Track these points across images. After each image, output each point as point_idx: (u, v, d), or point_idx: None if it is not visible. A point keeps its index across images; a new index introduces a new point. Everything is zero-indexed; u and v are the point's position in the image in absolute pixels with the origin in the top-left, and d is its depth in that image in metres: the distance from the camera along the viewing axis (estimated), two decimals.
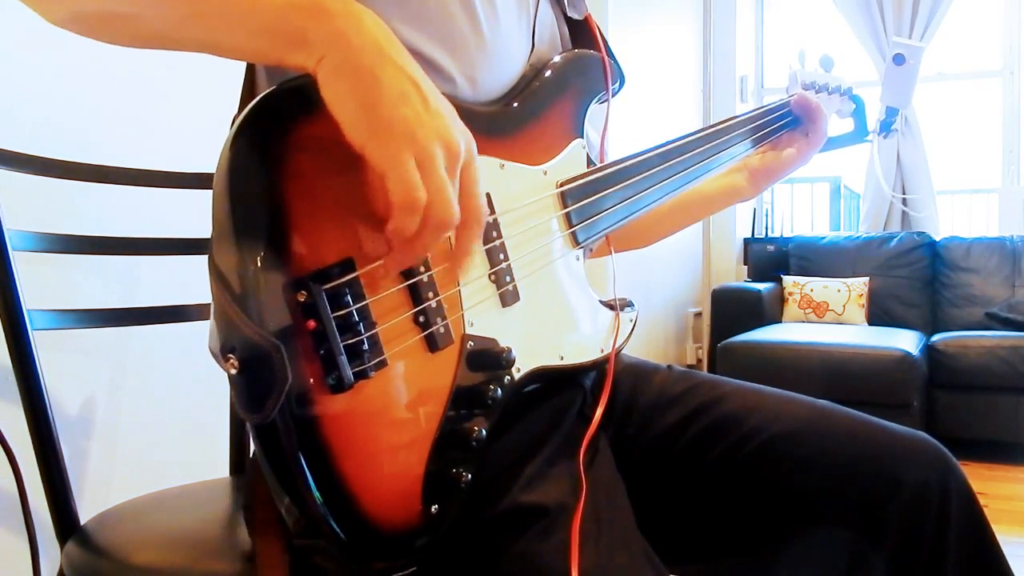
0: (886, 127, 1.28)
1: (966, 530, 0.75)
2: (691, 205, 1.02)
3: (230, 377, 0.52)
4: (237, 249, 0.53)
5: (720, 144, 0.94)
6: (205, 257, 1.27)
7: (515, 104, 0.75)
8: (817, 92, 1.15)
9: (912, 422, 2.82)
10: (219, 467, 1.17)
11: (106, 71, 1.40)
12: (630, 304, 0.84)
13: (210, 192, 1.30)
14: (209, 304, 1.10)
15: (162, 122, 1.50)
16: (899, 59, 1.23)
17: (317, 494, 0.53)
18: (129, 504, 0.96)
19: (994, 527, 0.77)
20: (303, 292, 0.54)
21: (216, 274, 0.53)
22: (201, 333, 1.12)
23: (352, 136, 0.53)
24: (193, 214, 1.37)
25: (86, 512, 0.92)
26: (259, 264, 0.53)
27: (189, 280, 1.34)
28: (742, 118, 0.98)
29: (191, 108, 1.55)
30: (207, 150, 1.52)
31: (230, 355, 0.52)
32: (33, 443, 0.89)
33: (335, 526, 0.54)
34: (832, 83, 1.19)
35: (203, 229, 1.22)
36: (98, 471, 1.38)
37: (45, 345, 0.91)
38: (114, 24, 0.62)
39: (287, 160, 0.55)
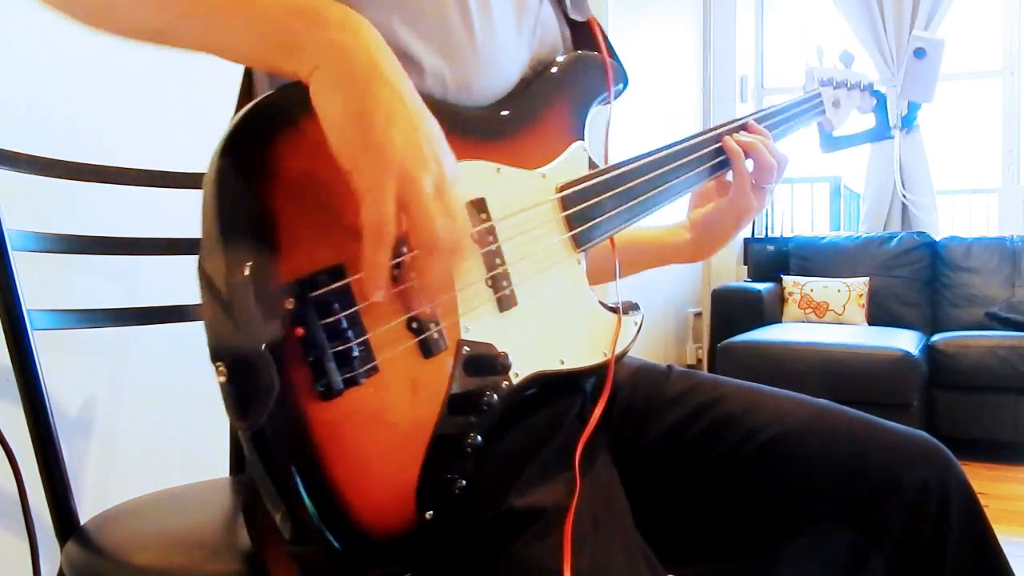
0: (908, 122, 1.27)
1: (966, 530, 0.75)
2: (632, 250, 0.93)
3: (220, 385, 0.52)
4: (225, 256, 0.52)
5: (715, 151, 0.91)
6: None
7: (511, 107, 0.75)
8: (836, 88, 1.12)
9: (912, 422, 2.82)
10: (219, 467, 1.17)
11: (106, 71, 1.40)
12: (635, 307, 0.83)
13: None
14: None
15: (162, 122, 1.50)
16: (920, 53, 1.21)
17: (308, 501, 0.53)
18: (129, 504, 0.96)
19: (994, 527, 0.77)
20: (291, 299, 0.54)
21: (205, 281, 0.53)
22: (201, 333, 1.12)
23: (340, 154, 0.53)
24: (193, 214, 1.37)
25: (86, 512, 0.92)
26: (247, 271, 0.52)
27: (189, 280, 1.34)
28: (744, 120, 0.96)
29: (191, 108, 1.55)
30: (207, 150, 1.51)
31: (219, 363, 0.51)
32: (33, 443, 0.89)
33: (327, 533, 0.54)
34: (852, 79, 1.14)
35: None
36: (98, 471, 1.38)
37: (45, 345, 0.91)
38: (108, 12, 0.61)
39: (276, 168, 0.55)
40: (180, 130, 1.53)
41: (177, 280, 1.37)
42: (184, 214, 1.39)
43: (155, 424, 1.48)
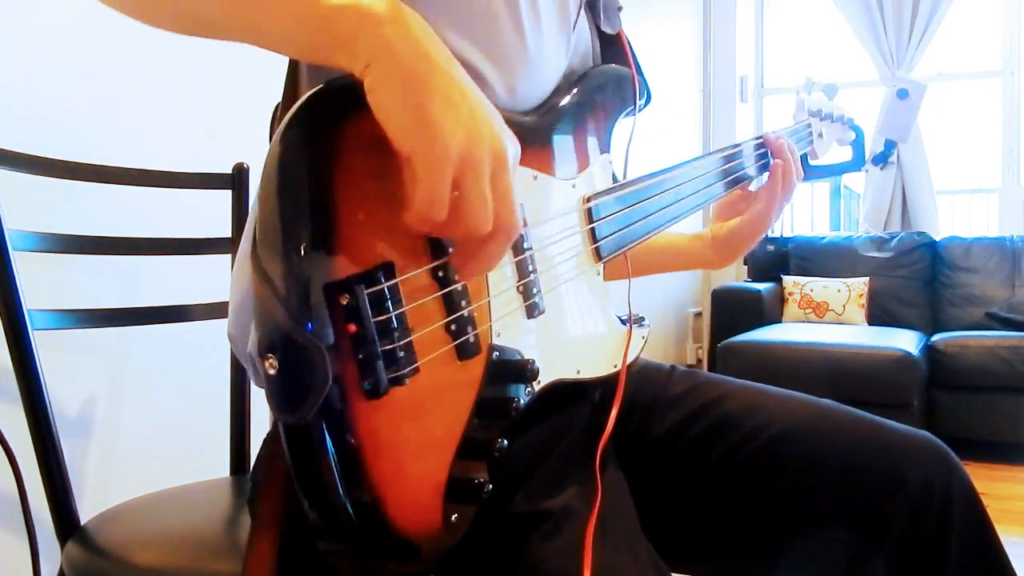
0: (882, 159, 1.32)
1: (969, 529, 0.75)
2: (655, 255, 1.01)
3: (267, 377, 0.51)
4: (283, 248, 0.52)
5: (738, 165, 0.95)
6: (205, 257, 1.27)
7: (550, 116, 0.75)
8: (821, 119, 1.18)
9: (912, 422, 2.82)
10: (219, 467, 1.17)
11: (107, 71, 1.40)
12: (642, 320, 0.84)
13: (210, 192, 1.30)
14: (211, 303, 1.10)
15: (162, 122, 1.50)
16: (902, 93, 1.25)
17: (342, 495, 0.53)
18: (129, 504, 0.96)
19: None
20: (346, 295, 0.53)
21: (260, 272, 0.52)
22: (201, 333, 1.12)
23: (399, 142, 0.53)
24: (193, 214, 1.38)
25: (86, 512, 0.92)
26: (305, 264, 0.52)
27: (189, 280, 1.35)
28: (745, 143, 0.99)
29: (192, 109, 1.55)
30: (207, 151, 1.53)
31: (270, 355, 0.51)
32: (33, 443, 0.89)
33: (357, 528, 0.54)
34: (836, 112, 1.22)
35: (203, 229, 1.22)
36: (98, 471, 1.38)
37: (45, 345, 0.91)
38: (164, 5, 0.60)
39: (337, 158, 0.55)
40: (180, 130, 1.53)
41: (177, 280, 1.37)
42: (184, 214, 1.40)
43: (155, 424, 1.48)
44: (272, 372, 0.51)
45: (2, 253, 0.87)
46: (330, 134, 0.55)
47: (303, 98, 0.54)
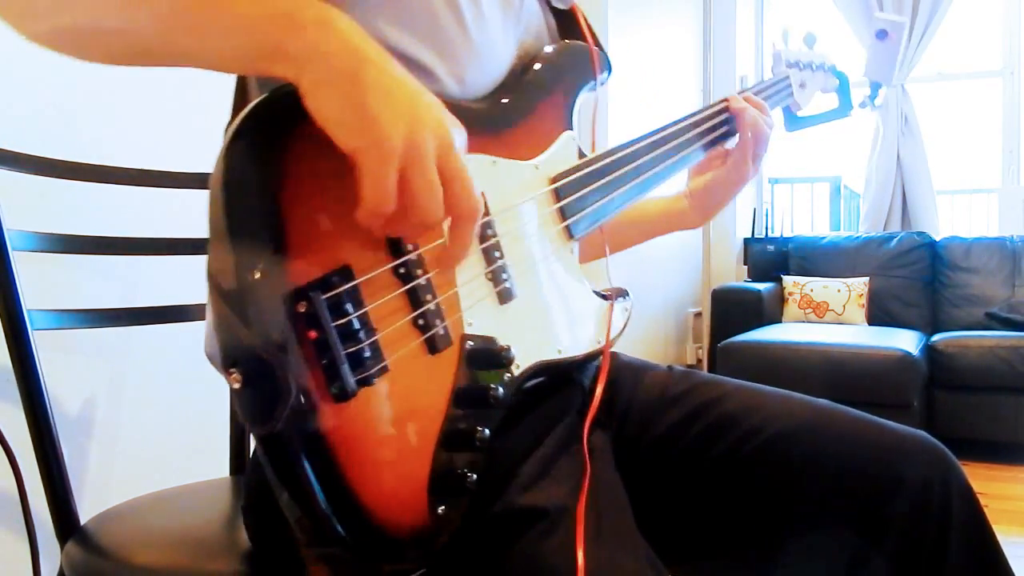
0: (870, 101, 1.30)
1: (967, 529, 0.75)
2: (636, 223, 1.00)
3: (234, 391, 0.52)
4: (235, 260, 0.52)
5: (704, 131, 0.94)
6: (205, 257, 1.26)
7: (505, 99, 0.75)
8: (802, 70, 1.16)
9: (912, 422, 2.82)
10: (219, 467, 1.17)
11: (106, 71, 1.40)
12: (625, 293, 0.84)
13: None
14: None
15: (162, 122, 1.50)
16: (881, 34, 1.24)
17: (323, 501, 0.53)
18: (129, 504, 0.96)
19: (994, 527, 0.77)
20: (304, 302, 0.54)
21: (215, 286, 0.53)
22: (201, 333, 1.12)
23: (342, 141, 0.53)
24: (193, 214, 1.37)
25: (86, 512, 0.92)
26: (259, 275, 0.52)
27: (189, 280, 1.34)
28: (713, 106, 0.98)
29: (191, 108, 1.55)
30: (207, 150, 1.52)
31: (232, 369, 0.51)
32: (33, 443, 0.89)
33: (342, 531, 0.54)
34: (816, 60, 1.19)
35: (203, 229, 1.22)
36: (98, 471, 1.38)
37: (45, 345, 0.91)
38: (94, 40, 0.61)
39: (283, 167, 0.55)
40: (180, 130, 1.53)
41: (177, 280, 1.37)
42: (184, 214, 1.40)
43: (155, 424, 1.48)
44: (237, 386, 0.51)
45: (2, 253, 0.87)
46: (274, 144, 0.55)
47: (245, 110, 0.54)
